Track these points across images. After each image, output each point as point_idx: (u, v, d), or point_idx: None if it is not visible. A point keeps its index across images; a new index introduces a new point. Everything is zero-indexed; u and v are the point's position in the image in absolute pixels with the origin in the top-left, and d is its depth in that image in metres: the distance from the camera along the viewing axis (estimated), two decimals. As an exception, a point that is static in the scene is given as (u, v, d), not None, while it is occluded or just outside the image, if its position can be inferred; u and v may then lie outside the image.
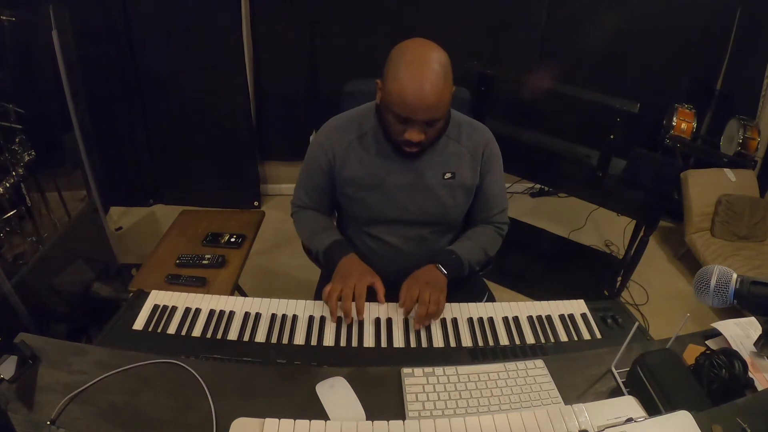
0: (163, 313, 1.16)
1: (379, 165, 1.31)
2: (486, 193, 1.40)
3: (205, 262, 1.81)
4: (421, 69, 1.11)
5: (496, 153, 1.39)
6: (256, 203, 3.25)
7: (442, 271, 1.27)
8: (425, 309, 1.15)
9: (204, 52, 2.77)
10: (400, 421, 0.83)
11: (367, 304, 1.21)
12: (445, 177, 1.32)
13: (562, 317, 1.22)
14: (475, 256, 1.37)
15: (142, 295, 1.21)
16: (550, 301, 1.26)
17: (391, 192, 1.32)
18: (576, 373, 0.99)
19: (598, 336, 1.17)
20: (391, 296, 1.23)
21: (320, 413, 0.87)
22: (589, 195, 2.43)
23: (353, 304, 1.17)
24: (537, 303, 1.26)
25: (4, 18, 1.93)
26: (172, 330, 1.12)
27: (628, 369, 0.93)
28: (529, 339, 1.15)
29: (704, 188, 2.84)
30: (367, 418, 0.85)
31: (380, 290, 1.23)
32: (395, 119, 1.17)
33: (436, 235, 1.41)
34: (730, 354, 0.91)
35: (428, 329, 1.16)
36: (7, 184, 1.89)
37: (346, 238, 1.41)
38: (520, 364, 0.98)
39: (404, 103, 1.12)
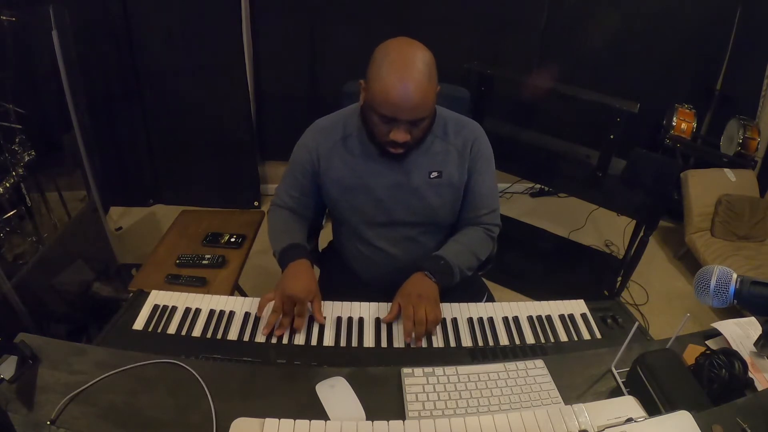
0: (163, 313, 1.16)
1: (364, 166, 1.29)
2: (473, 191, 1.35)
3: (205, 262, 1.81)
4: (405, 68, 1.09)
5: (485, 150, 1.35)
6: (256, 203, 3.25)
7: (431, 278, 1.22)
8: (423, 329, 1.11)
9: (204, 52, 2.77)
10: (400, 421, 0.82)
11: (367, 303, 1.21)
12: (432, 176, 1.29)
13: (562, 317, 1.22)
14: (465, 261, 1.30)
15: (142, 295, 1.21)
16: (550, 301, 1.26)
17: (376, 193, 1.30)
18: (576, 373, 0.99)
19: (598, 336, 1.17)
20: (386, 300, 1.21)
21: (320, 413, 0.87)
22: (589, 195, 2.43)
23: (290, 319, 1.13)
24: (537, 303, 1.26)
25: (4, 18, 1.92)
26: (172, 330, 1.12)
27: (628, 369, 0.93)
28: (529, 339, 1.15)
29: (704, 188, 2.84)
30: (367, 418, 0.85)
31: (316, 310, 1.16)
32: (380, 120, 1.15)
33: (425, 237, 1.38)
34: (730, 354, 0.91)
35: (428, 329, 1.15)
36: (7, 184, 1.89)
37: (339, 245, 1.37)
38: (520, 364, 0.98)
39: (389, 103, 1.10)
